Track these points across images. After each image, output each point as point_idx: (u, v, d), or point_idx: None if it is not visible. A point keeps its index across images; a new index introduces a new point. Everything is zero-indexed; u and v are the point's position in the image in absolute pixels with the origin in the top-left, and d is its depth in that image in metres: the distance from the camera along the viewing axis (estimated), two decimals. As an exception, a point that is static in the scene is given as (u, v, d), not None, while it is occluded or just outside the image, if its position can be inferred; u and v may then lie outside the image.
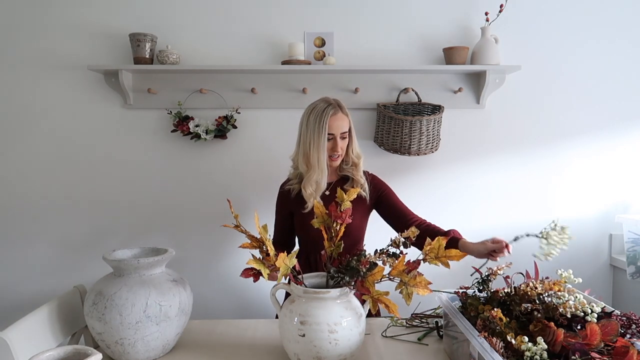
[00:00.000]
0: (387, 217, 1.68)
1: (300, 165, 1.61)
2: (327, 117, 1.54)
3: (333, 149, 1.58)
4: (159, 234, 2.22)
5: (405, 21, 2.17)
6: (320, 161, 1.55)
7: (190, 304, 1.30)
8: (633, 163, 2.26)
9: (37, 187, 2.19)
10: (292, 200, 1.66)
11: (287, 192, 1.68)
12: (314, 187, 1.57)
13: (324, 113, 1.54)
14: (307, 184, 1.58)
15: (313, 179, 1.56)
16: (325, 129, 1.53)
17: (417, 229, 1.18)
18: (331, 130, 1.55)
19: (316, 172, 1.56)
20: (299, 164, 1.61)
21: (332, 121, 1.55)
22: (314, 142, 1.54)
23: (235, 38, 2.16)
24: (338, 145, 1.57)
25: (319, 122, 1.54)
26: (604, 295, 2.23)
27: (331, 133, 1.55)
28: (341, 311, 1.12)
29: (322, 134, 1.53)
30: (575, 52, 2.21)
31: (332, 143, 1.57)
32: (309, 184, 1.57)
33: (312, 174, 1.56)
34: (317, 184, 1.57)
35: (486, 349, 0.91)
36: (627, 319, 1.04)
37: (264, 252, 1.15)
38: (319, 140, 1.54)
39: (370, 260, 1.14)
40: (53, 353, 0.91)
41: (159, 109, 2.16)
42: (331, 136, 1.56)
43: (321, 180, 1.57)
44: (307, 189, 1.58)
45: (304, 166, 1.59)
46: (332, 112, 1.55)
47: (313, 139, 1.54)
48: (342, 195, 1.22)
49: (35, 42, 2.13)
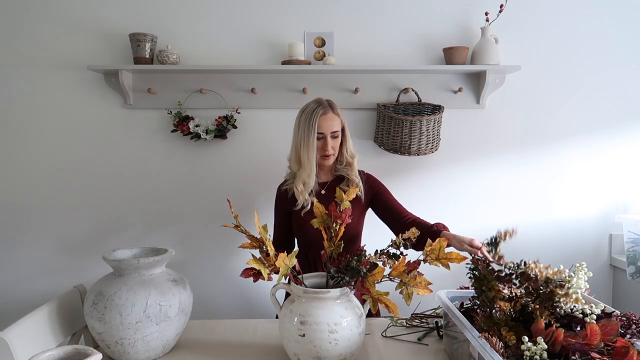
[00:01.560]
0: (382, 215, 1.71)
1: (292, 165, 1.67)
2: (317, 116, 1.59)
3: (323, 148, 1.62)
4: (159, 234, 2.22)
5: (405, 21, 2.17)
6: (309, 159, 1.60)
7: (190, 304, 1.30)
8: (633, 163, 2.26)
9: (37, 187, 2.19)
10: (289, 200, 1.68)
11: (284, 192, 1.71)
12: (303, 185, 1.62)
13: (314, 113, 1.59)
14: (297, 182, 1.63)
15: (302, 177, 1.61)
16: (315, 128, 1.58)
17: (417, 230, 1.18)
18: (321, 130, 1.60)
19: (305, 170, 1.60)
20: (292, 163, 1.67)
21: (322, 121, 1.59)
22: (304, 142, 1.60)
23: (235, 38, 2.16)
24: (328, 144, 1.61)
25: (309, 121, 1.59)
26: (604, 295, 2.23)
27: (321, 132, 1.60)
28: (341, 311, 1.12)
29: (311, 133, 1.58)
30: (575, 52, 2.21)
31: (322, 142, 1.62)
32: (299, 181, 1.62)
33: (302, 172, 1.61)
34: (306, 182, 1.62)
35: (486, 349, 0.91)
36: (627, 319, 1.04)
37: (264, 252, 1.15)
38: (308, 139, 1.59)
39: (371, 261, 1.14)
40: (53, 353, 0.91)
41: (159, 109, 2.16)
42: (321, 135, 1.61)
43: (310, 179, 1.61)
44: (297, 186, 1.62)
45: (296, 165, 1.65)
46: (322, 112, 1.60)
47: (303, 139, 1.60)
48: (341, 195, 1.22)
49: (35, 42, 2.13)
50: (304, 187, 1.62)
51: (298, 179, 1.62)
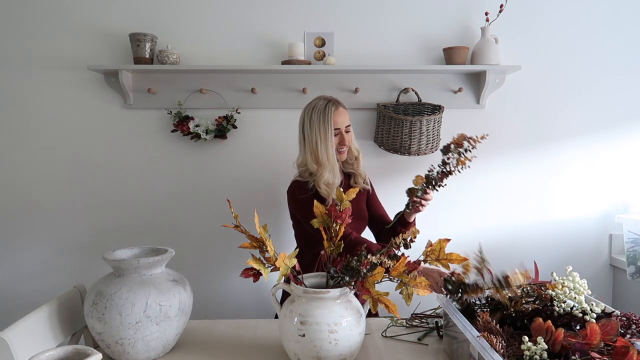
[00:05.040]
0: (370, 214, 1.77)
1: (310, 166, 1.62)
2: (331, 112, 1.59)
3: (341, 142, 1.64)
4: (159, 234, 2.22)
5: (405, 21, 2.17)
6: (330, 157, 1.59)
7: (190, 304, 1.30)
8: (633, 163, 2.26)
9: (37, 187, 2.19)
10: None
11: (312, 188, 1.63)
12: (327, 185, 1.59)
13: (327, 109, 1.59)
14: (320, 182, 1.59)
15: (324, 177, 1.58)
16: (331, 124, 1.59)
17: (417, 230, 1.18)
18: (336, 125, 1.61)
19: (327, 169, 1.58)
20: (309, 164, 1.62)
21: (336, 116, 1.61)
22: (321, 139, 1.58)
23: (235, 38, 2.16)
24: (345, 138, 1.64)
25: (324, 118, 1.58)
26: (604, 295, 2.23)
27: (337, 128, 1.62)
28: (341, 311, 1.12)
29: (328, 130, 1.58)
30: (575, 52, 2.21)
31: (339, 137, 1.64)
32: (322, 181, 1.59)
33: (324, 171, 1.58)
34: (330, 182, 1.59)
35: (486, 349, 0.91)
36: (627, 319, 1.04)
37: (264, 252, 1.15)
38: (326, 137, 1.58)
39: (371, 261, 1.14)
40: (53, 353, 0.90)
41: (159, 109, 2.16)
42: (337, 131, 1.62)
43: (335, 177, 1.59)
44: (321, 186, 1.59)
45: (314, 165, 1.60)
46: (334, 108, 1.61)
47: (320, 137, 1.58)
48: (341, 195, 1.22)
49: (36, 42, 2.13)
50: (328, 187, 1.58)
51: (320, 179, 1.58)
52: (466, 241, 2.19)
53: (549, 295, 1.11)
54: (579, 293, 1.10)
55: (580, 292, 1.10)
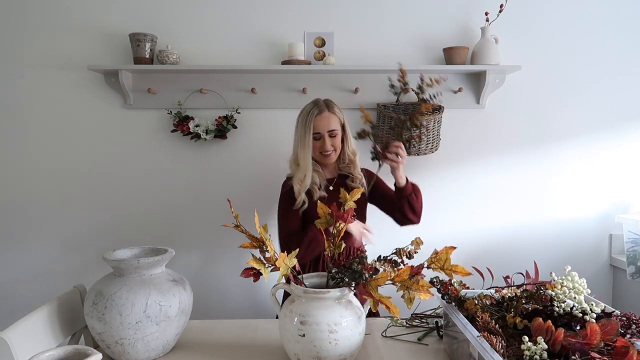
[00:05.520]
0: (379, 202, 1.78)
1: (291, 165, 1.71)
2: (312, 117, 1.63)
3: (322, 147, 1.65)
4: (159, 234, 2.21)
5: (405, 21, 2.17)
6: (306, 160, 1.63)
7: (190, 304, 1.30)
8: (633, 163, 2.26)
9: (37, 187, 2.19)
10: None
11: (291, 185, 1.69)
12: (299, 184, 1.64)
13: (310, 114, 1.64)
14: (295, 181, 1.65)
15: (298, 177, 1.64)
16: (310, 128, 1.63)
17: (421, 240, 1.17)
18: (317, 129, 1.64)
19: (302, 171, 1.64)
20: (291, 163, 1.71)
21: (317, 121, 1.64)
22: (301, 142, 1.64)
23: (235, 38, 2.16)
24: (327, 143, 1.65)
25: (305, 122, 1.64)
26: (604, 295, 2.23)
27: (317, 132, 1.64)
28: (341, 311, 1.12)
29: (307, 134, 1.63)
30: (575, 52, 2.21)
31: (321, 142, 1.65)
32: (296, 181, 1.65)
33: (299, 172, 1.64)
34: (302, 182, 1.64)
35: (486, 349, 0.91)
36: (627, 319, 1.04)
37: (264, 252, 1.15)
38: (305, 140, 1.63)
39: (375, 267, 1.13)
40: (53, 353, 0.90)
41: (159, 109, 2.16)
42: (318, 135, 1.65)
43: (306, 178, 1.64)
44: (295, 185, 1.65)
45: (294, 165, 1.68)
46: (317, 112, 1.64)
47: (300, 139, 1.65)
48: (345, 195, 1.22)
49: (36, 42, 2.13)
50: (300, 186, 1.64)
51: (295, 179, 1.65)
52: (466, 241, 2.23)
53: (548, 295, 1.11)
54: (579, 292, 1.10)
55: (580, 291, 1.10)
